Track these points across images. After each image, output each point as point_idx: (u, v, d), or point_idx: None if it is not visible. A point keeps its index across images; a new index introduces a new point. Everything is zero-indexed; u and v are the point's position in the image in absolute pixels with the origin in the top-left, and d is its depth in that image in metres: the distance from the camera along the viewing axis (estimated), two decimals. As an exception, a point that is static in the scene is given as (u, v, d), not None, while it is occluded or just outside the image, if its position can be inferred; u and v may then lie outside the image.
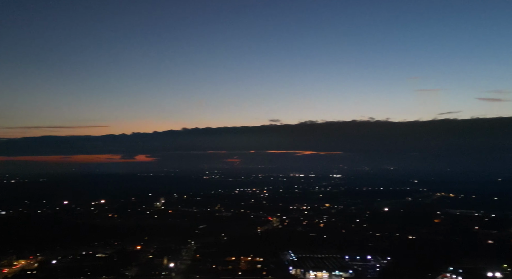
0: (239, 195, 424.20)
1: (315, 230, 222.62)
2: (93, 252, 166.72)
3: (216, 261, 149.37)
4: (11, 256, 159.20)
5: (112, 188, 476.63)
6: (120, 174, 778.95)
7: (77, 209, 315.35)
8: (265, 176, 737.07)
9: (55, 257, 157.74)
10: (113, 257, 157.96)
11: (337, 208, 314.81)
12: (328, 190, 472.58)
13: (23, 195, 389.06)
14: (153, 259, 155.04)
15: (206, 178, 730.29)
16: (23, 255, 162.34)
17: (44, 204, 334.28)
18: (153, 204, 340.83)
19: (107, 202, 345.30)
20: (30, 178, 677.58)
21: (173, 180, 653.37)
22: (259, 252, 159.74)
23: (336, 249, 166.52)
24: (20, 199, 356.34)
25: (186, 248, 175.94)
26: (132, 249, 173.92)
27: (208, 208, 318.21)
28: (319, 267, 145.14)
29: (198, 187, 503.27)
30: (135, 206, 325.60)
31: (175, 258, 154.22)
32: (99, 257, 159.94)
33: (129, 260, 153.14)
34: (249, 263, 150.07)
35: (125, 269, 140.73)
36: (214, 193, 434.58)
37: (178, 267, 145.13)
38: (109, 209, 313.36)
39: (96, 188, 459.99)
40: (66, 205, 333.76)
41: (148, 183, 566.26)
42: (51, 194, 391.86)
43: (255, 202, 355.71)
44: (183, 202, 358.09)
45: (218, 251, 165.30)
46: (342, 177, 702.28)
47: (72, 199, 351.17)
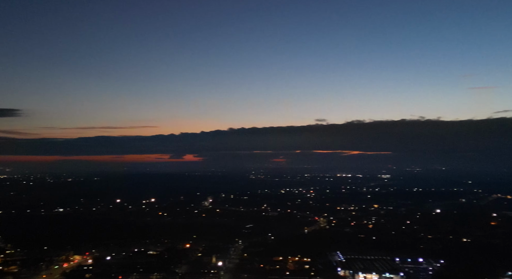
0: (285, 195, 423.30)
1: (364, 231, 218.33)
2: (145, 250, 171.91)
3: (264, 260, 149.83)
4: (69, 252, 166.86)
5: (162, 187, 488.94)
6: (169, 174, 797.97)
7: (129, 208, 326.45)
8: (311, 176, 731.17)
9: (109, 253, 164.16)
10: (163, 255, 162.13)
11: (386, 209, 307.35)
12: (376, 190, 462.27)
13: (79, 194, 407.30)
14: (202, 257, 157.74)
15: (252, 177, 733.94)
16: (79, 251, 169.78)
17: (99, 202, 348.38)
18: (201, 203, 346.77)
19: (157, 201, 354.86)
20: (86, 177, 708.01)
21: (220, 179, 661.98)
22: (306, 252, 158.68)
23: (386, 251, 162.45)
24: (77, 197, 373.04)
25: (233, 247, 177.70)
26: (181, 247, 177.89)
27: (254, 207, 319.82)
28: (368, 268, 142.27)
29: (245, 186, 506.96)
30: (184, 205, 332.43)
31: (223, 256, 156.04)
32: (151, 254, 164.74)
33: (179, 258, 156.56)
34: (297, 263, 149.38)
35: (175, 266, 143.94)
36: (260, 193, 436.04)
37: (226, 266, 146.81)
38: (159, 207, 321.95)
39: (146, 187, 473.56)
40: (119, 203, 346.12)
41: (196, 183, 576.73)
42: (105, 193, 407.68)
43: (302, 202, 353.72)
44: (230, 201, 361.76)
45: (266, 251, 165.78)
46: (391, 177, 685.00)
47: (124, 198, 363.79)
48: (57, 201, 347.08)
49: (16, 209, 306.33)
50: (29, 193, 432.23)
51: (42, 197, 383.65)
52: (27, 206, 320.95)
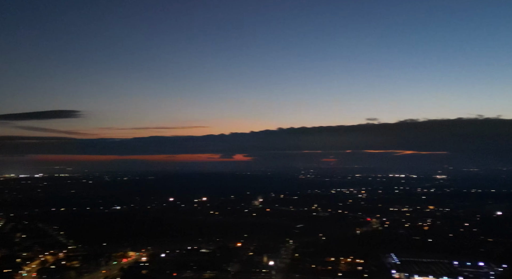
0: (336, 195, 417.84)
1: (419, 233, 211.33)
2: (198, 248, 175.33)
3: (315, 261, 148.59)
4: (126, 248, 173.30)
5: (212, 186, 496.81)
6: (219, 173, 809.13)
7: (181, 206, 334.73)
8: (362, 176, 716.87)
9: (164, 250, 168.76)
10: (215, 253, 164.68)
11: (442, 210, 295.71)
12: (431, 191, 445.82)
13: (135, 192, 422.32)
14: (253, 257, 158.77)
15: (302, 177, 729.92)
16: (135, 248, 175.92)
17: (153, 200, 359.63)
18: (251, 203, 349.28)
19: (208, 200, 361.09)
20: (140, 175, 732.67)
21: (269, 179, 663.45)
22: (359, 253, 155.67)
23: (443, 254, 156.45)
24: (132, 196, 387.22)
25: (284, 247, 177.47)
26: (233, 246, 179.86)
27: (305, 207, 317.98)
28: (424, 271, 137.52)
29: (294, 186, 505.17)
30: (235, 204, 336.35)
31: (274, 256, 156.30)
32: (203, 252, 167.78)
33: (231, 256, 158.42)
34: (349, 264, 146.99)
35: (227, 265, 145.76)
36: (311, 193, 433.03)
37: (277, 266, 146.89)
38: (211, 206, 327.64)
39: (198, 186, 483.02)
40: (172, 202, 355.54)
41: (246, 182, 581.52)
42: (158, 191, 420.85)
43: (353, 202, 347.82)
44: (280, 201, 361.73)
45: (317, 251, 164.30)
46: (447, 178, 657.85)
47: (177, 196, 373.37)
48: (114, 199, 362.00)
49: (77, 207, 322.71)
50: (88, 191, 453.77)
51: (100, 195, 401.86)
52: (87, 204, 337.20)
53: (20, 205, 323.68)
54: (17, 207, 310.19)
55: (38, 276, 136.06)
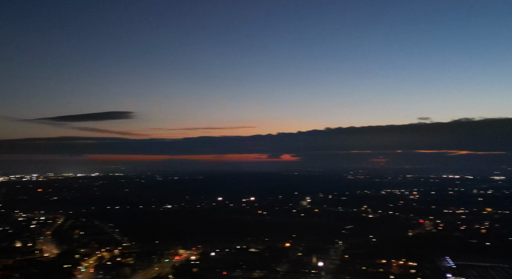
0: (386, 196, 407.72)
1: (475, 236, 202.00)
2: (247, 247, 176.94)
3: (366, 263, 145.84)
4: (177, 247, 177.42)
5: (260, 186, 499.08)
6: (267, 173, 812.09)
7: (230, 206, 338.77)
8: (414, 177, 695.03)
9: (214, 249, 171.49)
10: (264, 253, 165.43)
11: (501, 213, 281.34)
12: (489, 193, 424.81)
13: (185, 191, 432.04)
14: (302, 257, 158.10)
15: (351, 178, 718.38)
16: (186, 246, 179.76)
17: (202, 199, 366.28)
18: (299, 203, 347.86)
19: (256, 200, 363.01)
20: (190, 175, 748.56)
21: (317, 179, 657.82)
22: (411, 256, 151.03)
23: (503, 258, 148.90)
24: (183, 195, 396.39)
25: (333, 247, 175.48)
26: (281, 246, 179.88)
27: (354, 208, 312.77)
28: (483, 276, 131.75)
29: (343, 187, 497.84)
30: (282, 204, 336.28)
31: (323, 257, 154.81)
32: (252, 251, 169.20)
33: (280, 256, 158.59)
34: (401, 267, 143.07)
35: (276, 264, 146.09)
36: (360, 194, 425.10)
37: (327, 267, 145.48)
38: (259, 206, 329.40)
39: (246, 186, 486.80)
40: (220, 201, 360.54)
41: (293, 182, 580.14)
42: (208, 191, 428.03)
43: (405, 204, 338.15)
44: (329, 201, 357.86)
45: (367, 253, 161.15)
46: (506, 179, 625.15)
47: (225, 196, 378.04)
48: (166, 198, 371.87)
49: (130, 205, 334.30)
50: (141, 190, 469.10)
51: (152, 194, 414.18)
52: (139, 203, 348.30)
53: (78, 203, 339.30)
54: (75, 205, 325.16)
55: (95, 271, 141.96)
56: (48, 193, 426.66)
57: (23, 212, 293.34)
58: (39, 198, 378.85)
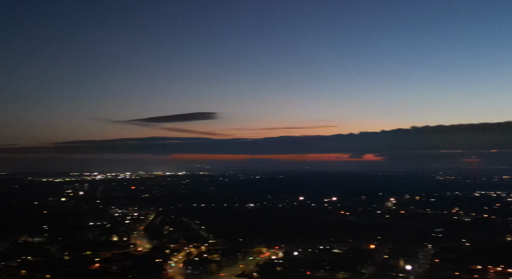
0: (480, 198, 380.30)
1: None
2: (330, 247, 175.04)
3: (459, 268, 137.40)
4: (260, 245, 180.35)
5: (342, 186, 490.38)
6: (349, 173, 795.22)
7: (311, 205, 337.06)
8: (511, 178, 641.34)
9: (296, 249, 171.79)
10: (348, 254, 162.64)
11: None
12: None
13: (267, 190, 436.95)
14: (389, 260, 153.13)
15: (440, 178, 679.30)
16: (269, 245, 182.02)
17: (284, 199, 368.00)
18: (384, 204, 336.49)
19: (338, 200, 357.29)
20: (271, 174, 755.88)
21: (402, 180, 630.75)
22: (511, 263, 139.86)
23: None
24: (264, 194, 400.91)
25: (422, 251, 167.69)
26: (366, 248, 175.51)
27: (444, 210, 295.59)
28: None
29: (431, 188, 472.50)
30: (366, 205, 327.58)
31: (411, 260, 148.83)
32: (335, 252, 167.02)
33: (364, 258, 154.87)
34: (499, 274, 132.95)
35: (361, 266, 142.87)
36: (450, 195, 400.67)
37: (415, 270, 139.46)
38: (341, 206, 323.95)
39: (327, 186, 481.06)
40: (302, 201, 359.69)
41: (377, 183, 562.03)
42: (289, 190, 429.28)
43: (501, 206, 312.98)
44: (415, 203, 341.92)
45: (460, 258, 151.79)
46: None
47: (306, 196, 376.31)
48: (248, 196, 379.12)
49: (215, 203, 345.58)
50: (224, 188, 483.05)
51: (235, 192, 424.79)
52: (223, 201, 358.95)
53: (167, 200, 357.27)
54: (165, 202, 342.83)
55: (184, 266, 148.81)
56: (140, 190, 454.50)
57: (119, 208, 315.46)
58: (132, 195, 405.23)
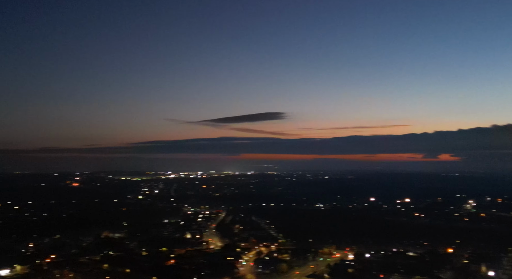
0: None
1: None
2: (404, 250, 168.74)
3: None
4: (331, 246, 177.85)
5: (416, 187, 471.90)
6: (423, 174, 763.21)
7: (383, 207, 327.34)
8: None
9: (368, 251, 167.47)
10: (424, 257, 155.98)
11: None
12: None
13: (336, 190, 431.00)
14: (469, 265, 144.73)
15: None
16: (340, 246, 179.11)
17: (354, 199, 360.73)
18: (462, 206, 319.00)
19: (412, 201, 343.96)
20: (340, 175, 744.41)
21: (482, 181, 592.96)
22: None
23: None
24: (333, 194, 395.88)
25: (507, 257, 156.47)
26: (443, 251, 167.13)
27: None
28: None
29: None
30: (442, 207, 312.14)
31: (494, 266, 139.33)
32: (410, 255, 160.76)
33: (442, 262, 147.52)
34: None
35: (438, 271, 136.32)
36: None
37: (499, 277, 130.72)
38: (415, 208, 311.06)
39: (400, 187, 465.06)
40: (373, 202, 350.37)
41: (454, 184, 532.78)
42: (359, 191, 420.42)
43: None
44: (498, 205, 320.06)
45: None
46: None
47: (378, 196, 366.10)
48: (317, 197, 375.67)
49: (283, 203, 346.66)
50: (293, 188, 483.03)
51: (303, 192, 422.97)
52: (292, 201, 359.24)
53: (237, 199, 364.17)
54: (234, 201, 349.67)
55: (255, 265, 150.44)
56: (211, 189, 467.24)
57: (191, 206, 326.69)
58: (203, 194, 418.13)
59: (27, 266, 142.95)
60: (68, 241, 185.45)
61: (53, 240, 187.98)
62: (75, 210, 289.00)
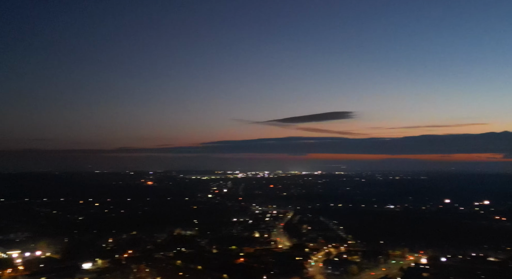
0: None
1: None
2: (484, 255, 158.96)
3: None
4: (403, 249, 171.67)
5: (496, 189, 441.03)
6: (503, 175, 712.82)
7: (459, 209, 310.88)
8: None
9: (444, 255, 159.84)
10: (507, 263, 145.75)
11: None
12: None
13: (407, 192, 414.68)
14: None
15: None
16: (413, 249, 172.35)
17: (427, 201, 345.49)
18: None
19: (492, 204, 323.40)
20: (412, 175, 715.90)
21: None
22: None
23: None
24: (405, 195, 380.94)
25: None
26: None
27: None
28: None
29: None
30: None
31: None
32: (491, 261, 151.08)
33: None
34: None
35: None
36: None
37: None
38: (495, 211, 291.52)
39: (477, 188, 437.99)
40: (448, 203, 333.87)
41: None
42: (432, 192, 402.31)
43: None
44: None
45: None
46: None
47: (453, 198, 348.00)
48: (387, 198, 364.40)
49: (352, 203, 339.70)
50: (362, 189, 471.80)
51: (373, 193, 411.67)
52: (361, 201, 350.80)
53: (304, 199, 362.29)
54: (301, 201, 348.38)
55: (324, 266, 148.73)
56: (278, 189, 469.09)
57: (259, 205, 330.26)
58: (270, 194, 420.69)
59: (107, 260, 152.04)
60: (144, 237, 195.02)
61: (130, 236, 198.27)
62: (149, 208, 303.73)
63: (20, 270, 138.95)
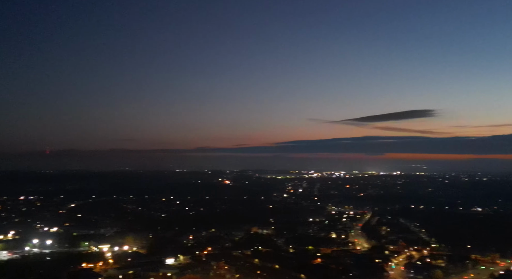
0: None
1: None
2: None
3: None
4: (494, 254, 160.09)
5: None
6: None
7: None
8: None
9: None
10: None
11: None
12: None
13: (496, 194, 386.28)
14: None
15: None
16: (505, 255, 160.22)
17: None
18: None
19: None
20: (502, 176, 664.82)
21: None
22: None
23: None
24: (494, 198, 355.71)
25: None
26: None
27: None
28: None
29: None
30: None
31: None
32: None
33: None
34: None
35: None
36: None
37: None
38: None
39: None
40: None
41: None
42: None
43: None
44: None
45: None
46: None
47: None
48: (474, 200, 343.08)
49: (435, 205, 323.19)
50: (445, 190, 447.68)
51: (458, 195, 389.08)
52: (444, 203, 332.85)
53: (382, 200, 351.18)
54: (379, 202, 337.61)
55: (405, 270, 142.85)
56: (354, 189, 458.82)
57: (335, 205, 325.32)
58: (347, 194, 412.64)
59: (188, 257, 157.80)
60: (222, 235, 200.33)
61: (209, 234, 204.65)
62: (226, 206, 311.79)
63: (110, 263, 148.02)
